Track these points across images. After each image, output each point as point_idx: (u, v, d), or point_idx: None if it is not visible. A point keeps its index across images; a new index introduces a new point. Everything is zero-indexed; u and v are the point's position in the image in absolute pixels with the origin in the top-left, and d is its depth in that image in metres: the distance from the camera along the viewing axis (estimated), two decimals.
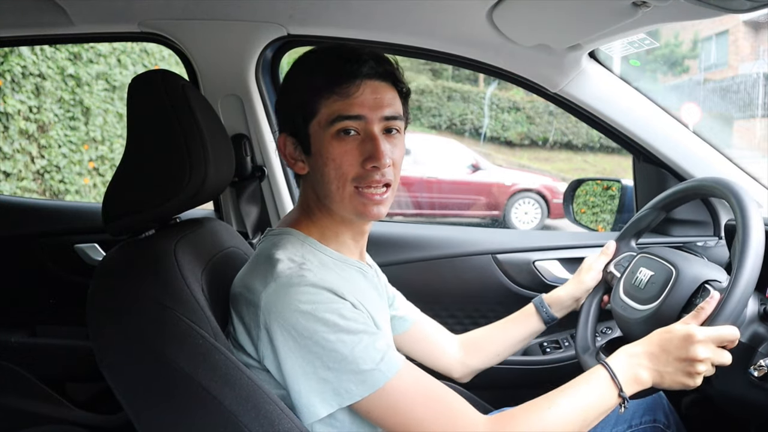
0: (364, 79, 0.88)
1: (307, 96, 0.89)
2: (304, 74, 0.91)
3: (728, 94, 7.80)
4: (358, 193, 0.89)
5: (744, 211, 0.92)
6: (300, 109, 0.90)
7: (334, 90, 0.87)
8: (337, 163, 0.88)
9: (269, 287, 0.82)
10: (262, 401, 0.80)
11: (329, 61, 0.90)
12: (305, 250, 0.90)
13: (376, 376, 0.80)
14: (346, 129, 0.88)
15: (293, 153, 0.94)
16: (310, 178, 0.93)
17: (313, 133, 0.90)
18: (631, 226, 1.22)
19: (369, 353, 0.81)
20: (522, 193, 7.62)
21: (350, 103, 0.87)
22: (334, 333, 0.80)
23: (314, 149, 0.90)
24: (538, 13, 1.19)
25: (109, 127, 5.47)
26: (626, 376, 0.88)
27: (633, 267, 1.12)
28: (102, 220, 0.92)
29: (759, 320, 0.97)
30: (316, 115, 0.89)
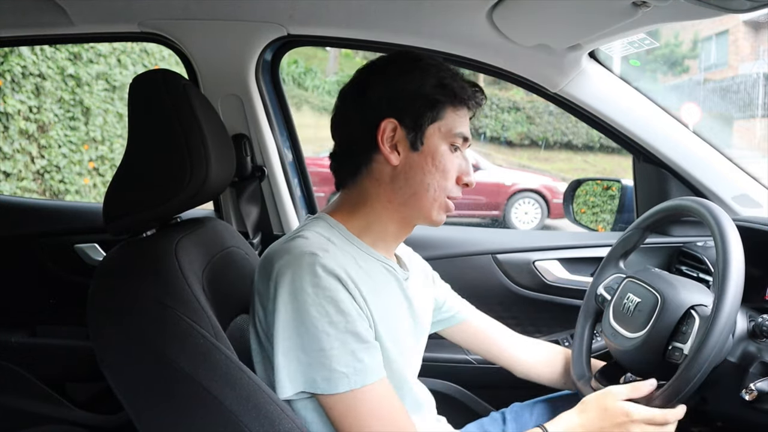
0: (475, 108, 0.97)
1: (440, 97, 0.91)
2: (434, 73, 0.92)
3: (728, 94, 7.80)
4: (445, 203, 0.95)
5: (723, 235, 0.92)
6: (429, 106, 0.91)
7: (461, 105, 0.93)
8: (446, 171, 0.93)
9: (283, 259, 0.84)
10: (262, 401, 0.80)
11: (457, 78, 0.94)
12: (332, 233, 0.91)
13: (342, 381, 0.81)
14: (457, 145, 0.94)
15: (396, 142, 0.92)
16: (399, 172, 0.92)
17: (431, 134, 0.92)
18: (618, 247, 1.22)
19: (346, 358, 0.81)
20: (522, 193, 7.62)
21: (466, 123, 0.95)
22: (322, 323, 0.80)
23: (426, 149, 0.92)
24: (538, 13, 1.19)
25: (109, 127, 5.47)
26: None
27: (621, 292, 1.12)
28: (102, 220, 0.92)
29: (748, 337, 0.97)
30: (439, 119, 0.92)
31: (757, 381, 0.91)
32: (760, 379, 0.92)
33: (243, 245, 1.15)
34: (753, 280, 0.98)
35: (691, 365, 0.87)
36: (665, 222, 1.16)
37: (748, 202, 1.46)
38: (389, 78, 0.92)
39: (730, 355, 0.96)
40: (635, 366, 1.04)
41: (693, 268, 1.41)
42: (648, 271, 1.11)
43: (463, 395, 1.54)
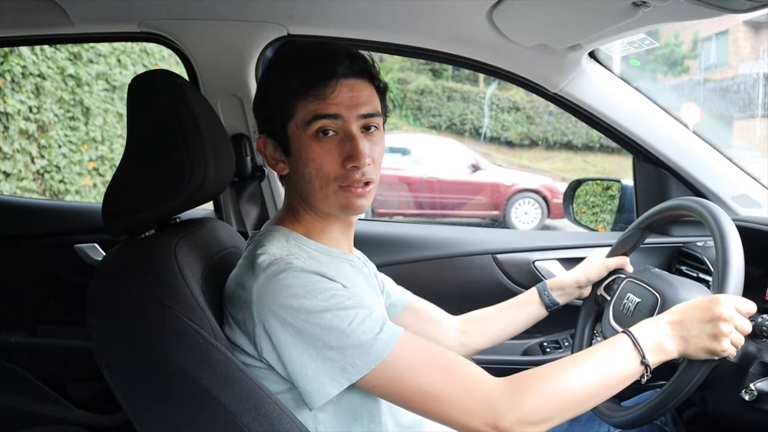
0: (339, 79, 0.88)
1: (283, 98, 0.89)
2: (279, 75, 0.91)
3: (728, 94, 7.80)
4: (341, 190, 0.90)
5: (723, 235, 0.92)
6: (278, 110, 0.90)
7: (310, 91, 0.87)
8: (318, 163, 0.89)
9: (259, 279, 0.83)
10: (262, 401, 0.80)
11: (304, 61, 0.89)
12: (290, 244, 0.91)
13: (378, 346, 0.80)
14: (324, 129, 0.88)
15: (273, 154, 0.94)
16: (292, 178, 0.94)
17: (292, 134, 0.90)
18: (618, 247, 1.22)
19: (367, 325, 0.81)
20: (522, 193, 7.62)
21: (327, 104, 0.87)
22: (328, 311, 0.80)
23: (294, 150, 0.91)
24: (538, 13, 1.19)
25: (109, 127, 5.47)
26: (649, 343, 0.86)
27: (621, 292, 1.12)
28: (102, 220, 0.92)
29: (748, 338, 0.97)
30: (293, 117, 0.89)
31: (757, 381, 0.91)
32: (760, 379, 0.92)
33: (242, 246, 1.15)
34: (753, 280, 0.98)
35: (691, 365, 0.87)
36: (665, 222, 1.15)
37: (748, 202, 1.46)
38: (258, 94, 0.95)
39: None
40: None
41: (693, 268, 1.41)
42: (648, 271, 1.11)
43: None
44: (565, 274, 1.24)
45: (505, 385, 0.81)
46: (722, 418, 1.05)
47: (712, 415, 1.06)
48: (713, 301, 0.86)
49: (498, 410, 0.79)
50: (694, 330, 0.86)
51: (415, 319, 1.21)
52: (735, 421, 1.01)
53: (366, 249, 1.16)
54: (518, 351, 1.57)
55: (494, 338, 1.23)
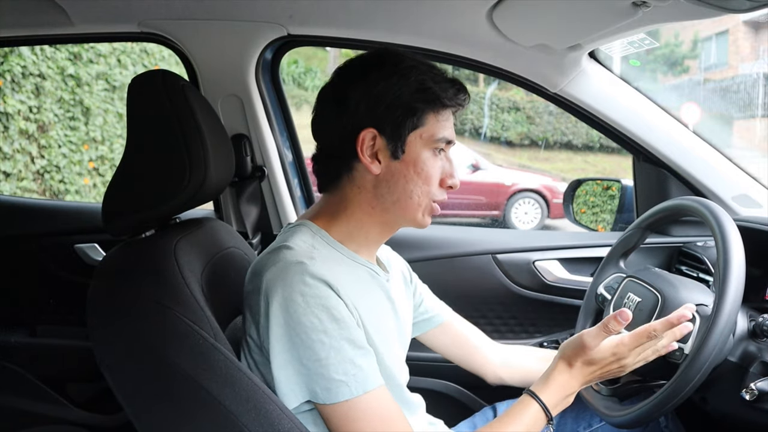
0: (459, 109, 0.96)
1: (420, 104, 0.90)
2: (415, 82, 0.90)
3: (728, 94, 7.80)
4: (430, 207, 0.94)
5: (724, 235, 0.92)
6: (409, 114, 0.89)
7: (443, 110, 0.92)
8: (428, 176, 0.92)
9: (270, 271, 0.84)
10: (262, 401, 0.80)
11: (440, 80, 0.92)
12: (315, 241, 0.91)
13: (341, 389, 0.81)
14: (440, 148, 0.93)
15: (375, 152, 0.91)
16: (381, 180, 0.92)
17: (412, 142, 0.91)
18: (618, 247, 1.22)
19: (343, 366, 0.81)
20: (522, 193, 7.62)
21: (450, 127, 0.94)
22: (316, 333, 0.80)
23: (408, 157, 0.91)
24: (538, 13, 1.19)
25: (109, 127, 5.47)
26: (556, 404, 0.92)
27: (621, 291, 1.11)
28: (102, 220, 0.92)
29: (749, 337, 0.96)
30: (421, 126, 0.91)
31: (757, 381, 0.91)
32: (760, 378, 0.92)
33: (242, 246, 1.15)
34: (753, 279, 0.98)
35: (691, 365, 0.87)
36: (665, 222, 1.15)
37: (748, 202, 1.46)
38: (368, 85, 0.90)
39: (730, 354, 0.96)
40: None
41: (693, 268, 1.41)
42: (648, 270, 1.11)
43: (461, 394, 1.54)
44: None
45: None
46: (723, 417, 1.05)
47: (712, 415, 1.06)
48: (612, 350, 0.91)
49: None
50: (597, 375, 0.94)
51: (449, 340, 1.21)
52: (735, 420, 1.01)
53: None
54: None
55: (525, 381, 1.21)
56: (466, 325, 1.24)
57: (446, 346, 1.21)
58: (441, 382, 1.54)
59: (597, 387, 1.08)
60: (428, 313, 1.19)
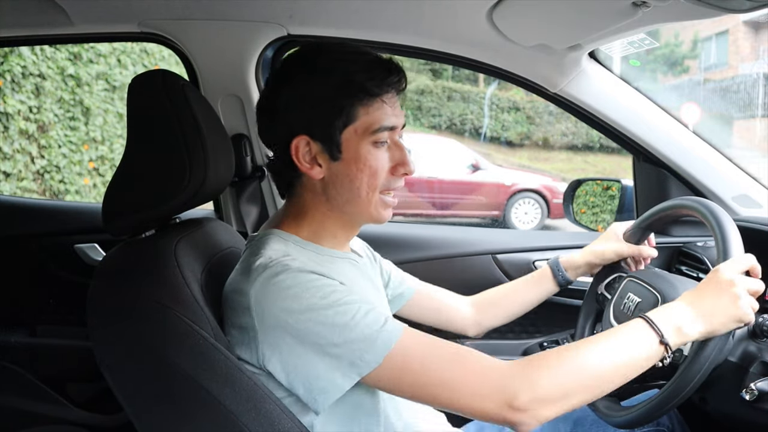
0: (396, 92, 0.91)
1: (345, 100, 0.87)
2: (336, 78, 0.87)
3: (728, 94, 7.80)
4: (382, 201, 0.92)
5: (724, 235, 0.92)
6: (336, 113, 0.87)
7: (373, 99, 0.88)
8: (374, 169, 0.89)
9: (255, 284, 0.82)
10: (262, 401, 0.80)
11: (364, 66, 0.88)
12: (289, 247, 0.90)
13: (383, 338, 0.79)
14: (383, 139, 0.90)
15: (312, 157, 0.90)
16: (328, 182, 0.91)
17: (347, 138, 0.89)
18: None
19: (370, 318, 0.80)
20: (522, 193, 7.63)
21: (388, 113, 0.89)
22: (330, 308, 0.79)
23: (347, 155, 0.89)
24: (538, 13, 1.19)
25: (109, 127, 5.47)
26: (667, 325, 0.84)
27: (622, 291, 1.11)
28: (102, 220, 0.92)
29: (749, 337, 0.96)
30: (353, 122, 0.88)
31: (757, 381, 0.91)
32: (760, 378, 0.92)
33: (242, 246, 1.15)
34: None
35: (691, 365, 0.87)
36: (665, 222, 1.15)
37: (748, 202, 1.46)
38: (293, 89, 0.88)
39: (730, 354, 0.95)
40: None
41: (693, 268, 1.41)
42: (648, 270, 1.11)
43: None
44: (578, 252, 1.24)
45: (520, 365, 0.80)
46: (723, 418, 1.05)
47: (712, 415, 1.06)
48: (716, 272, 0.87)
49: (512, 390, 0.78)
50: (710, 304, 0.85)
51: (424, 308, 1.22)
52: (736, 420, 1.01)
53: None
54: (518, 351, 1.57)
55: (508, 316, 1.25)
56: (434, 288, 1.24)
57: (423, 315, 1.22)
58: None
59: None
60: (399, 288, 1.19)
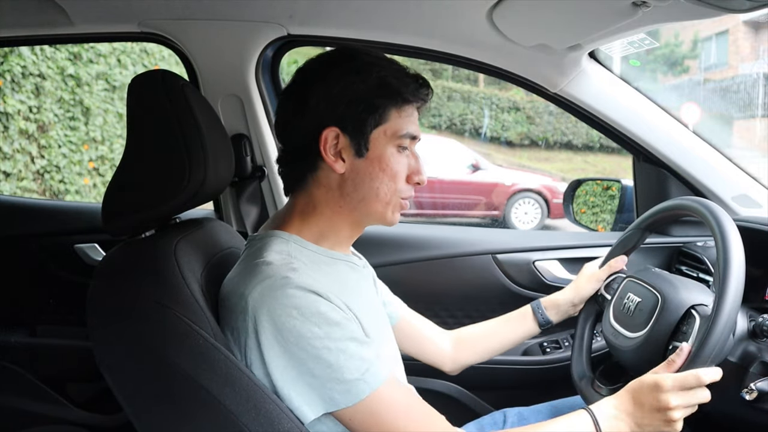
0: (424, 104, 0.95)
1: (381, 100, 0.89)
2: (375, 78, 0.89)
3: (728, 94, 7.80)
4: (399, 204, 0.94)
5: (724, 235, 0.92)
6: (370, 110, 0.89)
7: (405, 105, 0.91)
8: (394, 172, 0.91)
9: (255, 291, 0.82)
10: (262, 401, 0.80)
11: (400, 75, 0.91)
12: (291, 248, 0.90)
13: (360, 387, 0.80)
14: (404, 146, 0.92)
15: (340, 149, 0.90)
16: (347, 178, 0.91)
17: (375, 139, 0.90)
18: (618, 247, 1.22)
19: (354, 363, 0.81)
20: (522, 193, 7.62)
21: (413, 122, 0.93)
22: (319, 339, 0.79)
23: (372, 154, 0.90)
24: (538, 13, 1.19)
25: (109, 127, 5.47)
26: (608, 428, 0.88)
27: (621, 292, 1.12)
28: (102, 220, 0.92)
29: (749, 337, 0.96)
30: (384, 123, 0.90)
31: (757, 381, 0.91)
32: (760, 378, 0.92)
33: (242, 246, 1.15)
34: (753, 280, 0.98)
35: (691, 365, 0.87)
36: (665, 222, 1.15)
37: (748, 202, 1.46)
38: (327, 84, 0.89)
39: (730, 354, 0.95)
40: (636, 366, 1.04)
41: (693, 268, 1.41)
42: (648, 270, 1.11)
43: (463, 395, 1.55)
44: (560, 293, 1.25)
45: None
46: (723, 417, 1.05)
47: (712, 414, 1.06)
48: (657, 389, 0.87)
49: None
50: (646, 419, 0.88)
51: (405, 336, 1.20)
52: (736, 420, 1.01)
53: (366, 249, 1.16)
54: (519, 351, 1.58)
55: (487, 355, 1.24)
56: (417, 317, 1.24)
57: (401, 342, 1.19)
58: (441, 383, 1.54)
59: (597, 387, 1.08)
60: (388, 308, 1.18)
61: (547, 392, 1.35)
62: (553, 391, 1.35)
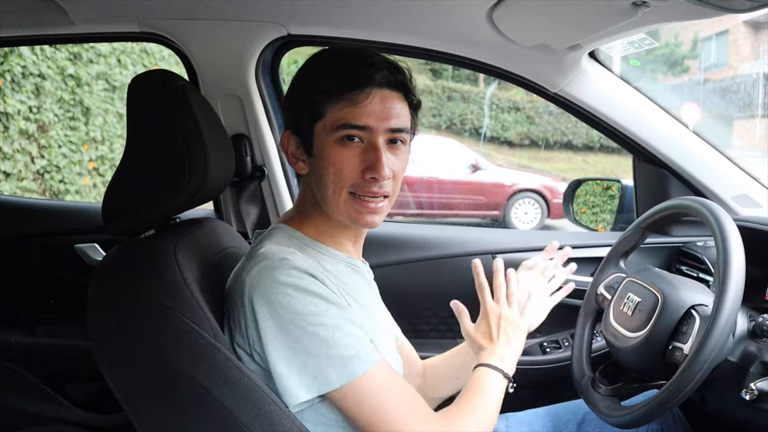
0: (374, 88, 0.87)
1: (315, 97, 0.88)
2: (315, 74, 0.91)
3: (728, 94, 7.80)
4: (354, 200, 0.89)
5: (724, 235, 0.91)
6: (307, 108, 0.90)
7: (343, 96, 0.87)
8: (337, 168, 0.88)
9: (252, 271, 0.83)
10: (261, 401, 0.80)
11: (342, 64, 0.89)
12: (292, 242, 0.91)
13: (355, 364, 0.81)
14: (350, 136, 0.87)
15: (295, 151, 0.94)
16: (309, 178, 0.93)
17: (317, 134, 0.90)
18: (618, 247, 1.21)
19: (350, 340, 0.81)
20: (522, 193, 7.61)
21: (358, 112, 0.86)
22: (315, 316, 0.80)
23: (316, 151, 0.90)
24: (538, 13, 1.19)
25: (109, 127, 5.47)
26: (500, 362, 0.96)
27: (621, 291, 1.11)
28: (102, 220, 0.92)
29: (749, 337, 0.96)
30: (322, 118, 0.89)
31: (757, 381, 0.91)
32: (760, 378, 0.92)
33: (242, 246, 1.15)
34: (753, 280, 0.98)
35: (691, 365, 0.87)
36: (665, 222, 1.15)
37: (748, 202, 1.46)
38: (291, 87, 0.94)
39: (730, 354, 0.95)
40: (635, 365, 1.04)
41: (693, 268, 1.41)
42: (648, 270, 1.11)
43: None
44: None
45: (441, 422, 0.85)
46: (723, 417, 1.05)
47: (712, 415, 1.06)
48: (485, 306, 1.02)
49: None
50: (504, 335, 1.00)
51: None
52: (735, 420, 1.01)
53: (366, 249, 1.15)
54: None
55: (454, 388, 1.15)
56: (407, 343, 1.19)
57: None
58: None
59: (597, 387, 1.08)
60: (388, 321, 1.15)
61: (547, 392, 1.35)
62: (553, 391, 1.35)
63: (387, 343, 0.98)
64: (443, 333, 1.59)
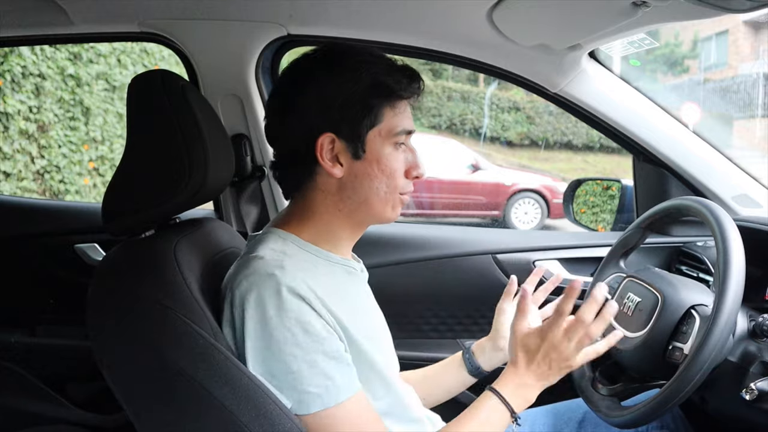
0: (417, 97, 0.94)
1: (374, 100, 0.88)
2: (367, 77, 0.87)
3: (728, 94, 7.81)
4: (400, 201, 0.94)
5: (724, 235, 0.92)
6: (365, 112, 0.88)
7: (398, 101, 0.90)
8: (392, 171, 0.91)
9: (242, 284, 0.83)
10: (261, 401, 0.80)
11: (391, 71, 0.90)
12: (286, 246, 0.89)
13: (314, 401, 0.81)
14: (401, 142, 0.92)
15: (336, 153, 0.89)
16: (346, 181, 0.90)
17: (371, 139, 0.89)
18: (618, 246, 1.21)
19: (316, 378, 0.81)
20: (522, 193, 7.62)
21: (407, 117, 0.92)
22: (289, 346, 0.80)
23: (369, 156, 0.89)
24: (538, 13, 1.19)
25: (109, 127, 5.47)
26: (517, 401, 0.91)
27: (621, 291, 1.11)
28: (102, 220, 0.92)
29: (749, 337, 0.96)
30: (378, 123, 0.89)
31: (757, 381, 0.91)
32: (760, 378, 0.92)
33: (242, 246, 1.15)
34: (753, 280, 0.98)
35: (691, 365, 0.87)
36: (665, 222, 1.15)
37: (748, 202, 1.46)
38: (318, 87, 0.88)
39: (730, 354, 0.95)
40: (635, 366, 1.04)
41: (693, 268, 1.41)
42: (648, 270, 1.11)
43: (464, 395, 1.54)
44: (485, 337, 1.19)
45: None
46: (723, 417, 1.05)
47: (712, 415, 1.06)
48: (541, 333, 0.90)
49: None
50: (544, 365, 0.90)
51: None
52: (735, 420, 1.01)
53: (365, 249, 1.15)
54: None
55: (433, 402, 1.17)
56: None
57: None
58: None
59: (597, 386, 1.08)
60: None
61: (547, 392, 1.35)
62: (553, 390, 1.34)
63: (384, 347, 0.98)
64: (443, 333, 1.60)
